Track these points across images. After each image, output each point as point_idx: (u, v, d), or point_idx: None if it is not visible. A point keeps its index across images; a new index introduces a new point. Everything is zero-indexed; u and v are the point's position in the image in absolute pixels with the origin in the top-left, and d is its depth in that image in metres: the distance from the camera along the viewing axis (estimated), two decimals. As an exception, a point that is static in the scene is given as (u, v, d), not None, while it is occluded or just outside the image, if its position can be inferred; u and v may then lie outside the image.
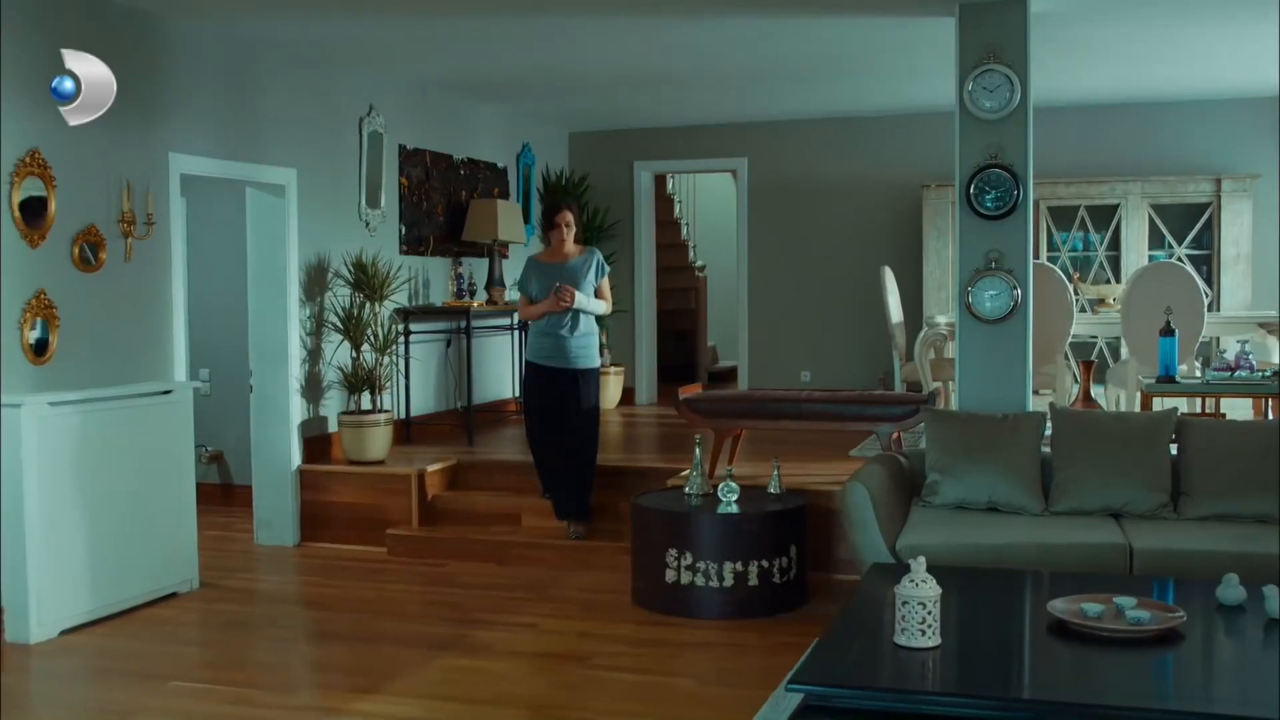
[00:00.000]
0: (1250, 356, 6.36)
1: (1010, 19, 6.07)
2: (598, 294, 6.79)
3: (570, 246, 6.77)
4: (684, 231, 13.65)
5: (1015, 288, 6.13)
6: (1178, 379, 6.44)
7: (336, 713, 4.49)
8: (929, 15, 6.41)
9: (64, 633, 5.50)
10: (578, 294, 6.57)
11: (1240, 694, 3.57)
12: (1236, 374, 6.28)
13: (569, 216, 6.74)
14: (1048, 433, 5.82)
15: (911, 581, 3.63)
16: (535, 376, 6.77)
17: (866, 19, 6.65)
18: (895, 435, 6.61)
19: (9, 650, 5.29)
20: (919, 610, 3.61)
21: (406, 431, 8.38)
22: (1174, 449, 5.61)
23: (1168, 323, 6.43)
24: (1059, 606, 3.90)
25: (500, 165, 10.02)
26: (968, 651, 3.83)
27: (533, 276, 6.76)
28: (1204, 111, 9.59)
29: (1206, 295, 9.32)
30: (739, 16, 6.69)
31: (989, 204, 6.17)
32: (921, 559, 3.68)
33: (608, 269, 7.05)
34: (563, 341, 6.64)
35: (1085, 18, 6.64)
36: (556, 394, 6.65)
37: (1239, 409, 7.51)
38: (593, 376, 6.80)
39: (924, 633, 3.61)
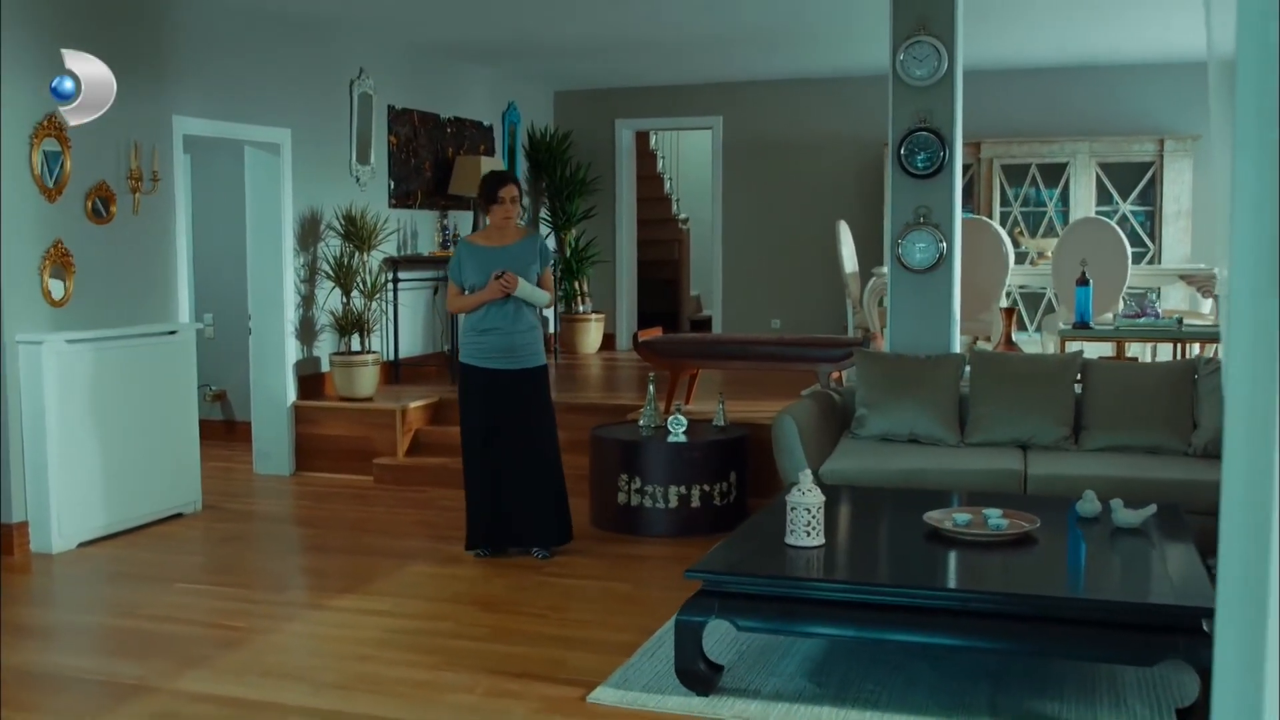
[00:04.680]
0: (1155, 305, 6.97)
1: (940, -7, 6.60)
2: (540, 283, 5.90)
3: (512, 229, 5.91)
4: (667, 186, 14.22)
5: (941, 240, 6.72)
6: (1093, 325, 7.05)
7: (319, 608, 5.17)
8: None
9: (82, 545, 6.19)
10: (520, 280, 5.74)
11: (1074, 582, 4.24)
12: (1142, 320, 6.89)
13: (515, 191, 5.83)
14: (968, 373, 6.45)
15: (799, 491, 4.29)
16: (478, 382, 5.84)
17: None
18: (835, 375, 7.23)
19: (35, 558, 6.00)
20: (805, 515, 4.26)
21: (396, 372, 9.03)
22: (1080, 389, 6.23)
23: (1083, 273, 7.03)
24: (934, 516, 4.56)
25: (486, 123, 10.59)
26: (845, 549, 4.51)
27: (467, 262, 5.83)
28: (1149, 75, 10.11)
29: (1148, 248, 9.91)
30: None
31: (919, 164, 6.75)
32: (807, 471, 4.33)
33: (552, 255, 6.51)
34: (509, 338, 5.79)
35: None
36: (507, 400, 5.83)
37: (1164, 356, 8.09)
38: (545, 376, 5.98)
39: (809, 534, 4.26)
